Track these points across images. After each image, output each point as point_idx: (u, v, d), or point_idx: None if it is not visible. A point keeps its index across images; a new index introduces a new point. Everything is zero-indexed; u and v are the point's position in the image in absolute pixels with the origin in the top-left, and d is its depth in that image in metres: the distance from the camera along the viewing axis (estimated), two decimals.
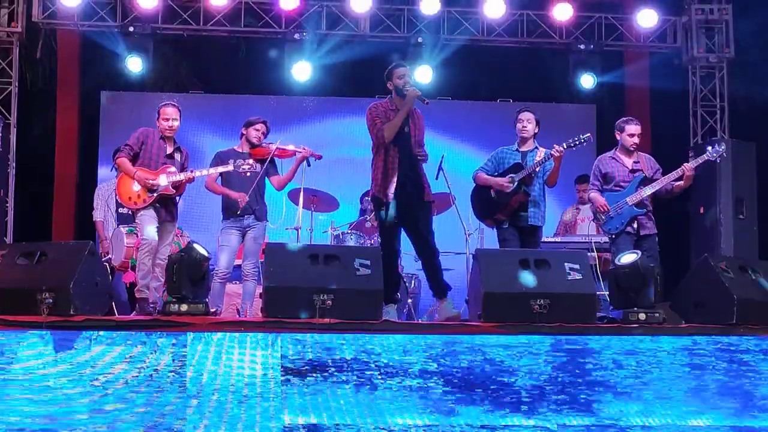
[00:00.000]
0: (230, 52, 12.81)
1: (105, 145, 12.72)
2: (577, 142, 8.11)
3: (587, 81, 12.41)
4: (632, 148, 8.46)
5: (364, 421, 5.95)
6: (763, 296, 6.72)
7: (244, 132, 8.66)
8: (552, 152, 7.97)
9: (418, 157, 7.65)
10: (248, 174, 8.41)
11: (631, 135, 8.46)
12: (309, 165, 9.05)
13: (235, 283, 9.19)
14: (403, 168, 7.51)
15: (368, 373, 6.02)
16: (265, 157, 8.56)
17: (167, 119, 8.18)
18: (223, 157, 8.57)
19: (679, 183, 8.29)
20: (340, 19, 12.21)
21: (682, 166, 8.23)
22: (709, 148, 8.51)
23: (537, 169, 8.08)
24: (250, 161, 8.35)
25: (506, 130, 8.82)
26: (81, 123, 13.07)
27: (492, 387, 6.08)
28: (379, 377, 6.02)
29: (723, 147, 8.52)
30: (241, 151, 8.62)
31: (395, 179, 7.49)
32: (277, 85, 12.87)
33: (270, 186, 8.79)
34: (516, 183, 8.08)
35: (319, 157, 8.87)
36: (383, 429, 5.95)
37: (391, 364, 6.03)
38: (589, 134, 8.28)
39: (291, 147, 8.74)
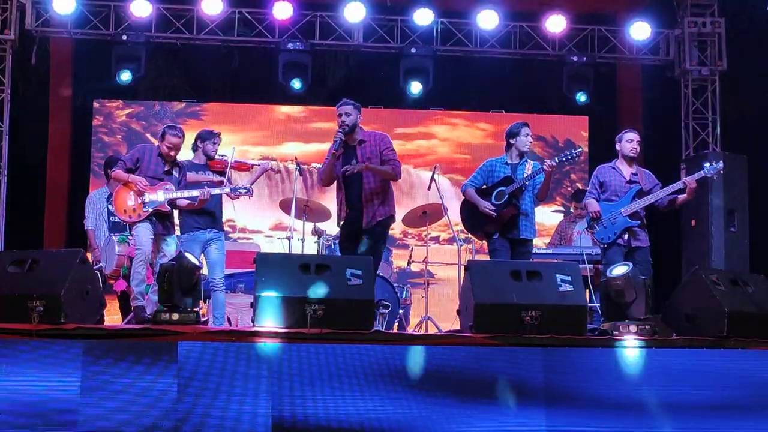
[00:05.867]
0: (223, 61, 12.81)
1: (97, 154, 12.74)
2: (569, 157, 8.09)
3: (580, 93, 12.44)
4: (632, 154, 8.41)
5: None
6: (754, 308, 6.73)
7: (200, 145, 8.59)
8: (543, 166, 7.93)
9: (372, 185, 7.88)
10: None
11: (630, 140, 8.43)
12: (301, 174, 9.05)
13: (228, 292, 9.16)
14: (350, 200, 7.88)
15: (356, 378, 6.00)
16: (221, 169, 8.54)
17: (171, 148, 8.12)
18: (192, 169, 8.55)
19: (682, 196, 8.29)
20: (333, 30, 12.22)
21: (683, 180, 8.23)
22: (707, 164, 8.32)
23: (527, 183, 8.06)
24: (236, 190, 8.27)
25: (499, 141, 8.82)
26: (73, 131, 13.06)
27: (479, 394, 6.06)
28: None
29: (720, 164, 8.32)
30: (198, 162, 8.58)
31: (344, 213, 7.95)
32: (270, 94, 12.88)
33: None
34: (505, 199, 8.02)
35: (278, 172, 8.90)
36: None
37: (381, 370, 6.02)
38: (581, 148, 8.27)
39: (247, 160, 8.79)
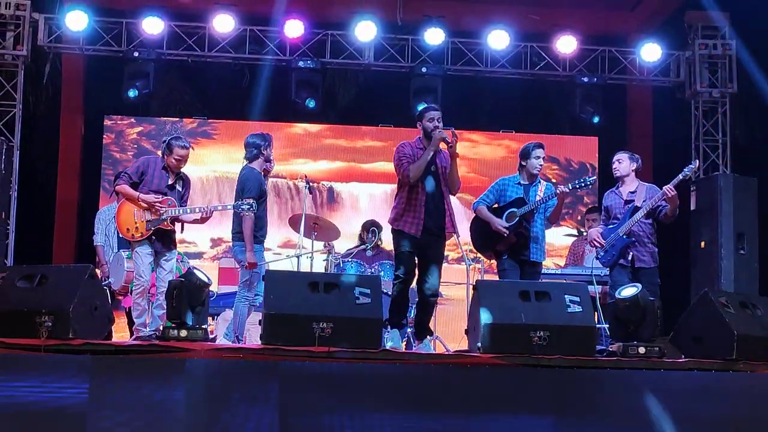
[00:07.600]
0: (234, 79, 12.84)
1: (108, 170, 12.78)
2: (583, 184, 8.16)
3: (594, 116, 12.42)
4: (615, 174, 8.51)
5: None
6: (763, 332, 6.71)
7: (264, 152, 8.35)
8: (557, 191, 7.99)
9: (446, 193, 7.77)
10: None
11: (611, 164, 8.58)
12: (311, 192, 9.03)
13: None
14: (428, 205, 7.65)
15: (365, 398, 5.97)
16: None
17: (179, 160, 7.97)
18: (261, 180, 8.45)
19: (668, 206, 8.26)
20: (344, 48, 12.24)
21: (663, 189, 8.22)
22: (685, 168, 8.43)
23: (539, 206, 8.06)
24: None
25: (508, 160, 8.82)
26: (84, 147, 13.10)
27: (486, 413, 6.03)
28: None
29: (695, 163, 8.79)
30: (259, 170, 8.46)
31: (418, 214, 7.63)
32: (280, 112, 12.89)
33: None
34: (516, 221, 8.01)
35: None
36: None
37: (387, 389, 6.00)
38: (594, 177, 8.31)
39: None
